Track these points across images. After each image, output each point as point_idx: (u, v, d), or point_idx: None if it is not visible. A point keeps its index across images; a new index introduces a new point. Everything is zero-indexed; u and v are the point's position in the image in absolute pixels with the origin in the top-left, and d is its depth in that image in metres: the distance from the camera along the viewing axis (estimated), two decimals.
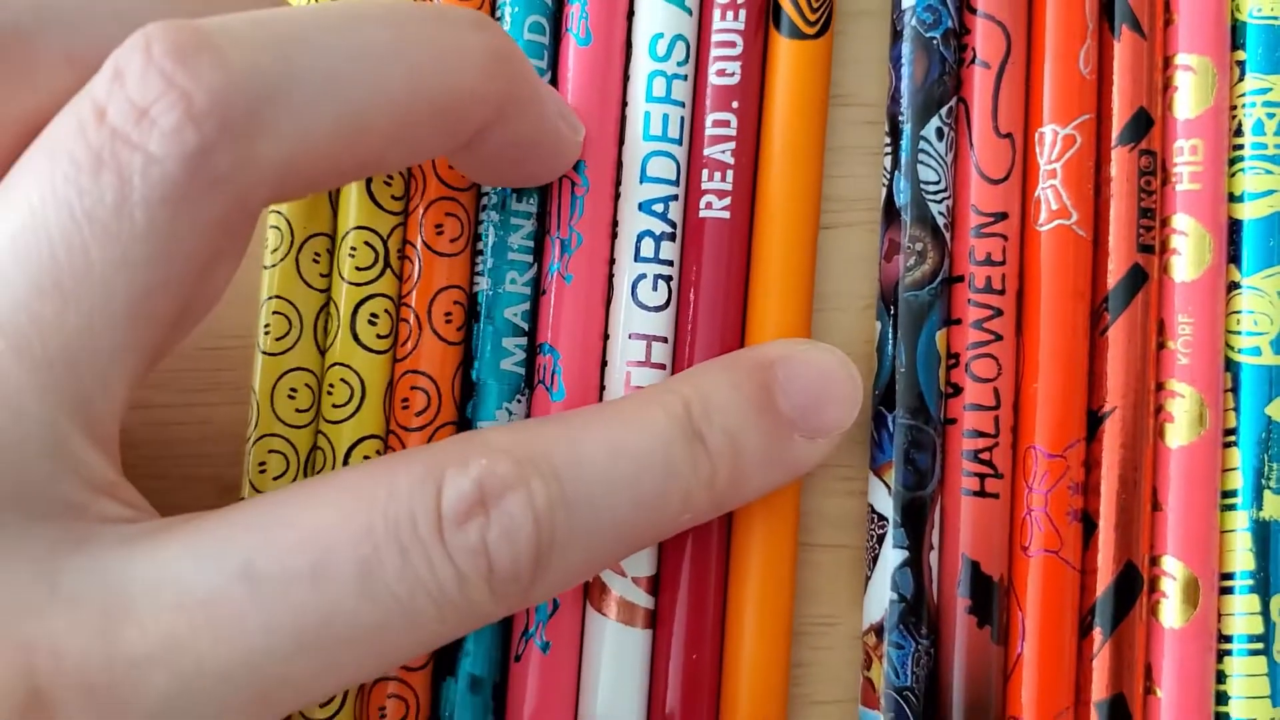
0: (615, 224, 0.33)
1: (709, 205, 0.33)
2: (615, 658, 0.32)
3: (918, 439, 0.32)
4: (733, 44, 0.33)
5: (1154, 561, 0.32)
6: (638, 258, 0.33)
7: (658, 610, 0.32)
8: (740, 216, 0.33)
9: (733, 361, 0.31)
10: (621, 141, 0.34)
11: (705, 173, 0.33)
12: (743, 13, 0.33)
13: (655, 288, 0.33)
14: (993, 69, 0.33)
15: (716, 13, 0.34)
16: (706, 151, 0.33)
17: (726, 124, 0.33)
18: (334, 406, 0.32)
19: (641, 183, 0.33)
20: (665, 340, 0.33)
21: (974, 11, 0.34)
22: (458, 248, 0.33)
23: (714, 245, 0.33)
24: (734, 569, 0.32)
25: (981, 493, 0.32)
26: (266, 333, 0.32)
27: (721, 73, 0.33)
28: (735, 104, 0.33)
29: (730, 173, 0.33)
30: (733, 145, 0.33)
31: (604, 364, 0.33)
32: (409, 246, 0.32)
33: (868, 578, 0.33)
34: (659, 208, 0.33)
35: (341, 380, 0.32)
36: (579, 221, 0.33)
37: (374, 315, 0.32)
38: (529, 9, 0.33)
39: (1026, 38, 0.34)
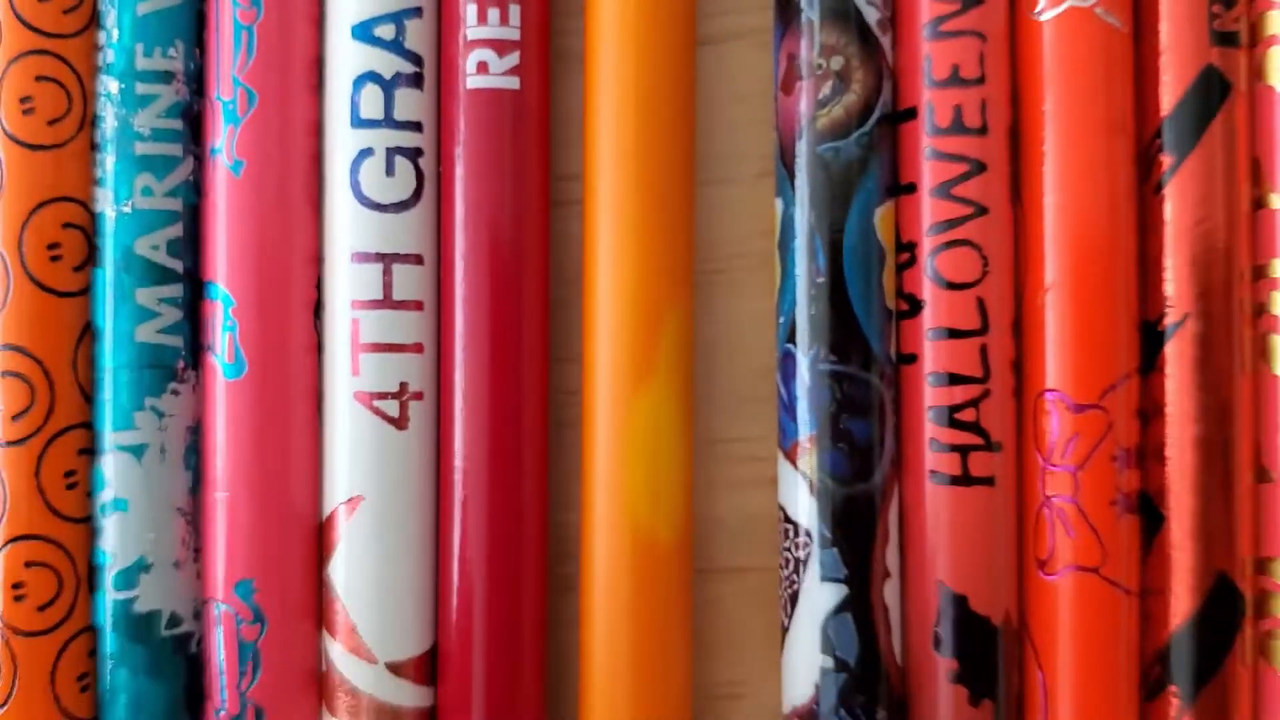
0: (319, 67, 0.20)
1: (482, 68, 0.19)
2: None
3: (852, 394, 0.19)
4: None
5: (1262, 568, 0.19)
6: (357, 121, 0.19)
7: (438, 708, 0.20)
8: (534, 86, 0.20)
9: None
10: None
11: (473, 9, 0.19)
12: None
13: (391, 169, 0.19)
14: None
15: None
16: None
17: None
18: None
19: None
20: (419, 260, 0.20)
21: None
22: (63, 134, 0.20)
23: (492, 127, 0.19)
24: (588, 620, 0.20)
25: (965, 479, 0.19)
26: None
27: None
28: None
29: (515, 9, 0.19)
30: None
31: (317, 309, 0.20)
32: None
33: (784, 628, 0.20)
34: (386, 31, 0.19)
35: None
36: (251, 69, 0.19)
37: None
38: None
39: None
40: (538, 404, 0.20)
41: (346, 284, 0.20)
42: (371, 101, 0.20)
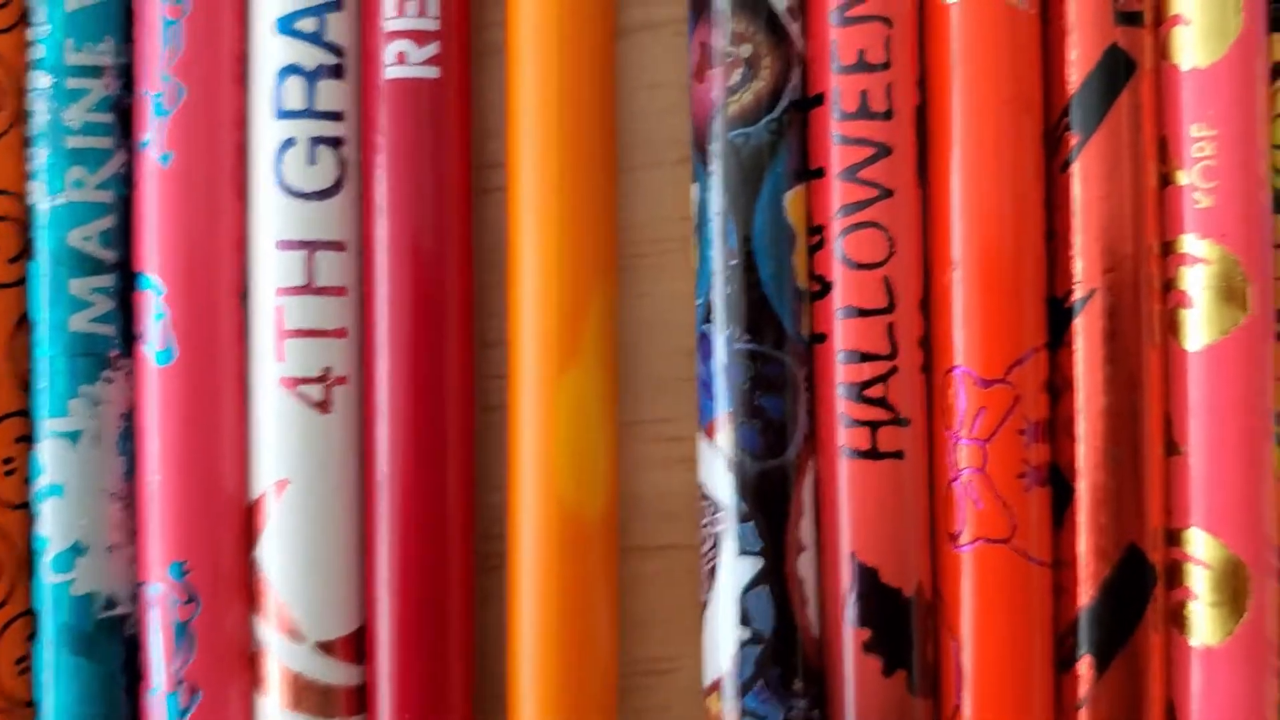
0: (243, 62, 0.20)
1: (401, 58, 0.20)
2: None
3: (765, 373, 0.20)
4: None
5: (1172, 539, 0.20)
6: (280, 112, 0.20)
7: (367, 685, 0.20)
8: (454, 75, 0.20)
9: None
10: None
11: (391, 2, 0.20)
12: None
13: (313, 158, 0.20)
14: None
15: None
16: None
17: None
18: None
19: None
20: (341, 248, 0.20)
21: None
22: None
23: (411, 115, 0.20)
24: (515, 597, 0.20)
25: (874, 453, 0.20)
26: None
27: None
28: None
29: (434, 0, 0.20)
30: None
31: (243, 297, 0.20)
32: None
33: (704, 603, 0.20)
34: (308, 24, 0.20)
35: None
36: (179, 63, 0.20)
37: None
38: None
39: None
40: (461, 387, 0.20)
41: (271, 271, 0.20)
42: (294, 93, 0.20)
